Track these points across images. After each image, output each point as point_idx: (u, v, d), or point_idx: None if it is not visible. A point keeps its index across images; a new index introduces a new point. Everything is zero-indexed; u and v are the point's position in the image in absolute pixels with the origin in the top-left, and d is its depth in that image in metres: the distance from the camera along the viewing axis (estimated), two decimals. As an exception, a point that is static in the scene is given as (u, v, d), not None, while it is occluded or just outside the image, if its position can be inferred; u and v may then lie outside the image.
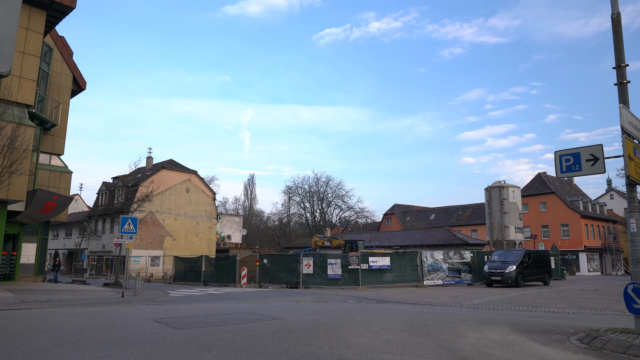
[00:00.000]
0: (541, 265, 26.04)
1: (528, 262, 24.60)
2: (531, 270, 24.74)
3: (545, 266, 26.56)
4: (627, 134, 7.75)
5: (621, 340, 7.01)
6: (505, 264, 23.73)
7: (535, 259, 25.43)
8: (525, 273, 24.09)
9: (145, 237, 44.35)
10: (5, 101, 17.61)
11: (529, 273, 24.58)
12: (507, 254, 25.31)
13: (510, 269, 23.40)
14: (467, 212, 66.53)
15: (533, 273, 25.00)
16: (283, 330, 8.31)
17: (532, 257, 25.00)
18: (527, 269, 24.34)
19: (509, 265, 23.57)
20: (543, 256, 27.35)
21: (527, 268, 24.41)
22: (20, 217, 22.67)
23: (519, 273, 23.51)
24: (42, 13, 20.53)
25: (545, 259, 27.35)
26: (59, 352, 6.18)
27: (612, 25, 8.29)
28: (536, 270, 25.34)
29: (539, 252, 27.36)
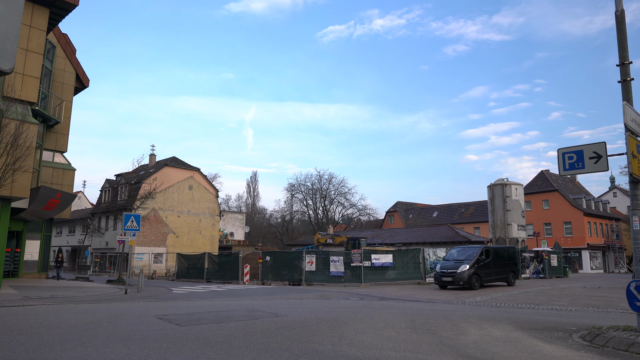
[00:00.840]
0: (504, 264, 22.78)
1: (485, 260, 21.38)
2: (490, 270, 21.51)
3: (509, 264, 23.33)
4: (631, 132, 7.72)
5: (623, 337, 7.01)
6: (458, 263, 20.64)
7: (496, 256, 22.30)
8: (481, 273, 20.84)
9: (148, 235, 44.47)
10: (9, 98, 17.66)
11: (488, 273, 21.37)
12: (463, 251, 22.22)
13: (462, 269, 20.21)
14: (469, 209, 66.45)
15: (492, 273, 21.75)
16: (285, 327, 8.33)
17: (491, 254, 21.85)
18: (484, 269, 21.09)
19: (462, 265, 20.41)
20: (506, 253, 23.89)
21: (485, 267, 21.20)
22: (24, 214, 22.77)
23: (474, 273, 20.34)
24: (45, 10, 20.56)
25: (510, 256, 23.98)
26: (62, 348, 6.21)
27: (616, 23, 8.26)
28: (497, 270, 22.10)
29: (500, 249, 23.88)
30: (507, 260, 23.21)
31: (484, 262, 21.17)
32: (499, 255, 22.73)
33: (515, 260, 24.27)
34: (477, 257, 20.88)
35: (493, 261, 21.74)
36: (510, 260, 23.64)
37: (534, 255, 33.49)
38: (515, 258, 24.30)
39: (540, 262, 33.44)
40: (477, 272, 20.56)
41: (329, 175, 79.65)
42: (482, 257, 21.21)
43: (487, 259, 21.47)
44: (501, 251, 23.40)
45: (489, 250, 21.98)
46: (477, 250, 21.50)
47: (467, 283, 20.01)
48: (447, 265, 21.07)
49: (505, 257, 23.34)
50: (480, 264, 20.91)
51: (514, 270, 23.55)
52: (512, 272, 23.23)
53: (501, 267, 22.42)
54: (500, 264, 22.32)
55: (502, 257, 23.00)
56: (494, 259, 21.84)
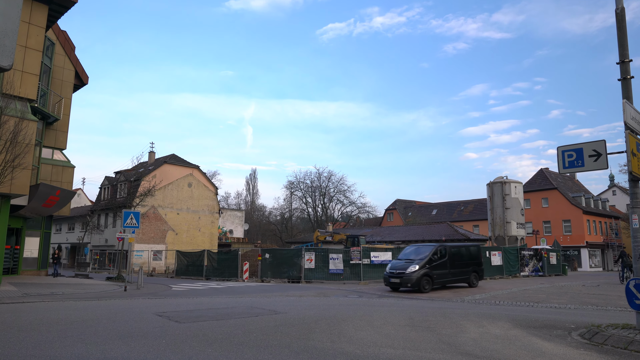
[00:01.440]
0: (464, 264, 20.73)
1: (439, 260, 19.41)
2: (445, 271, 19.53)
3: (471, 264, 21.11)
4: (631, 130, 7.72)
5: (622, 335, 7.02)
6: (408, 263, 18.75)
7: (454, 255, 20.30)
8: (434, 274, 18.85)
9: (147, 232, 44.48)
10: (8, 95, 17.62)
11: (443, 274, 19.41)
12: (417, 250, 20.34)
13: (411, 270, 18.27)
14: (469, 207, 66.49)
15: (449, 274, 19.77)
16: (285, 324, 8.34)
17: (447, 253, 19.91)
18: (438, 269, 19.14)
19: (411, 265, 18.53)
20: (467, 252, 21.56)
21: (439, 267, 19.23)
22: (23, 212, 22.75)
23: (425, 275, 18.36)
24: (44, 7, 20.51)
25: (472, 256, 21.59)
26: (62, 345, 6.21)
27: (616, 21, 8.25)
28: (456, 270, 20.15)
29: (460, 247, 21.81)
30: (468, 259, 21.09)
31: (437, 262, 19.24)
32: (458, 254, 20.80)
33: (479, 259, 21.93)
34: (429, 257, 18.99)
35: (450, 261, 19.85)
36: (473, 260, 21.41)
37: (533, 253, 33.54)
38: (478, 257, 21.96)
39: (539, 260, 33.48)
40: (429, 273, 18.62)
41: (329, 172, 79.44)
42: (435, 256, 19.27)
43: (441, 259, 19.53)
44: (461, 250, 21.41)
45: (444, 249, 20.10)
46: (430, 249, 19.61)
47: (416, 285, 18.08)
48: (397, 265, 19.23)
49: (466, 256, 21.20)
50: (433, 264, 19.00)
51: (477, 270, 21.36)
52: (474, 273, 21.15)
53: (461, 267, 20.46)
54: (459, 263, 20.40)
55: (462, 256, 20.97)
56: (451, 259, 19.94)
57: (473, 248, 22.43)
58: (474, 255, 21.79)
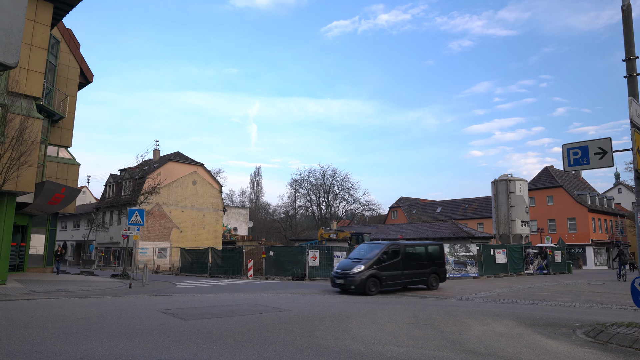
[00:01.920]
0: (421, 264, 18.73)
1: (390, 260, 17.42)
2: (397, 272, 17.56)
3: (430, 265, 18.96)
4: (637, 127, 7.68)
5: (627, 334, 7.00)
6: (355, 263, 17.05)
7: (409, 255, 18.36)
8: (383, 276, 16.93)
9: (152, 229, 44.64)
10: (14, 93, 17.72)
11: (394, 275, 17.44)
12: (368, 248, 18.48)
13: (355, 270, 16.50)
14: (473, 205, 66.33)
15: (402, 275, 17.75)
16: (289, 321, 8.36)
17: (400, 253, 17.89)
18: (388, 270, 17.18)
19: (357, 265, 16.78)
20: (425, 252, 19.47)
21: (390, 268, 17.29)
22: (29, 209, 22.89)
23: (371, 276, 16.52)
24: (49, 5, 20.58)
25: (431, 256, 19.44)
26: (67, 341, 6.25)
27: (623, 17, 8.20)
28: (411, 271, 18.13)
29: (416, 247, 19.63)
30: (426, 260, 19.10)
31: (387, 262, 17.28)
32: (415, 254, 18.96)
33: (440, 260, 19.72)
34: (378, 257, 17.07)
35: (404, 261, 17.87)
36: (432, 260, 19.28)
37: (537, 251, 33.44)
38: (439, 257, 19.75)
39: (544, 258, 33.38)
40: (377, 274, 16.73)
41: (333, 170, 79.79)
42: (384, 256, 17.29)
43: (393, 259, 17.56)
44: (418, 249, 19.44)
45: (397, 248, 18.08)
46: (380, 248, 17.65)
47: (360, 287, 16.23)
48: (344, 264, 17.55)
49: (424, 256, 19.25)
50: (382, 265, 17.07)
51: (437, 272, 19.20)
52: (434, 274, 19.03)
53: (417, 268, 18.45)
54: (415, 264, 18.45)
55: (419, 256, 19.08)
56: (405, 259, 17.97)
57: (433, 247, 20.12)
58: (435, 255, 19.70)
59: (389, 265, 17.35)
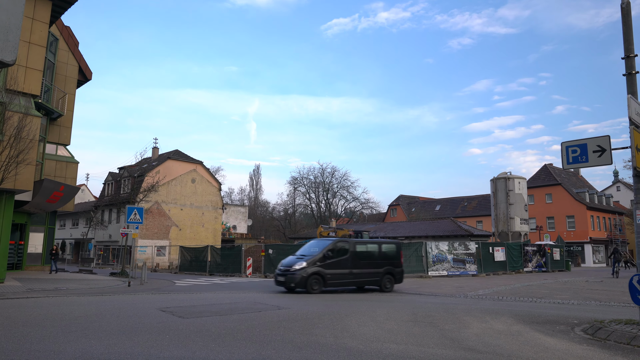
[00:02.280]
0: (374, 263, 17.14)
1: (337, 257, 16.06)
2: (345, 271, 16.13)
3: (383, 264, 17.27)
4: (635, 125, 7.68)
5: (625, 331, 7.02)
6: (299, 259, 15.87)
7: (360, 253, 16.95)
8: (328, 274, 15.59)
9: (151, 227, 44.62)
10: (12, 91, 17.68)
11: (341, 275, 16.01)
12: (316, 244, 17.14)
13: (297, 267, 15.30)
14: (472, 203, 66.38)
15: (350, 275, 16.28)
16: (288, 319, 8.37)
17: (349, 250, 16.45)
18: (334, 268, 15.83)
19: (299, 262, 15.61)
20: (379, 250, 17.83)
21: (336, 266, 15.90)
22: (27, 207, 22.86)
23: (314, 274, 15.28)
24: (48, 3, 20.52)
25: (386, 255, 17.75)
26: (66, 340, 6.25)
27: (622, 15, 8.20)
28: (361, 271, 16.58)
29: (368, 244, 18.43)
30: (380, 259, 17.45)
31: (333, 259, 15.95)
32: (366, 252, 17.51)
33: (396, 259, 17.91)
34: (322, 254, 15.79)
35: (353, 260, 16.42)
36: (387, 260, 17.55)
37: (536, 249, 33.50)
38: (395, 257, 17.99)
39: (542, 256, 33.44)
40: (321, 272, 15.46)
41: (332, 168, 79.46)
42: (330, 253, 15.95)
43: (340, 256, 16.17)
44: (370, 247, 17.91)
45: (346, 245, 16.71)
46: (326, 244, 16.38)
47: (301, 285, 15.11)
48: (289, 261, 16.29)
49: (378, 254, 17.61)
50: (328, 262, 15.75)
51: (392, 272, 17.37)
52: (388, 275, 17.23)
53: (369, 267, 16.91)
54: (367, 263, 16.98)
55: (372, 255, 17.54)
56: (354, 257, 16.54)
57: (388, 246, 18.40)
58: (390, 254, 17.96)
59: (334, 263, 15.98)
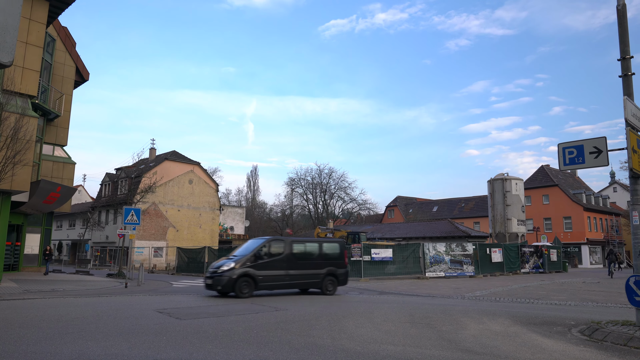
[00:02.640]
0: (313, 264, 15.72)
1: (271, 257, 14.66)
2: (281, 272, 14.70)
3: (324, 265, 15.86)
4: (631, 127, 7.71)
5: (622, 332, 7.03)
6: (230, 260, 14.50)
7: (298, 253, 15.48)
8: (260, 275, 14.09)
9: (148, 228, 44.53)
10: (9, 92, 17.63)
11: (275, 276, 14.56)
12: (251, 243, 15.54)
13: (225, 268, 13.90)
14: (469, 204, 66.47)
15: (287, 276, 14.87)
16: (285, 321, 8.36)
17: (285, 250, 15.07)
18: (267, 269, 14.37)
19: (227, 262, 14.29)
20: (319, 250, 16.28)
21: (269, 267, 14.47)
22: (24, 208, 22.79)
23: (244, 275, 13.78)
24: (45, 3, 20.49)
25: (326, 255, 16.26)
26: (62, 341, 6.23)
27: (618, 17, 8.23)
28: (298, 272, 15.15)
29: (307, 243, 16.74)
30: (320, 259, 16.00)
31: (267, 259, 14.52)
32: (305, 252, 15.99)
33: (339, 260, 16.45)
34: (253, 253, 14.35)
35: (289, 259, 15.04)
36: (329, 260, 16.15)
37: (533, 250, 33.56)
38: (339, 257, 16.50)
39: (539, 257, 33.50)
40: (252, 273, 13.96)
41: (329, 169, 79.50)
42: (262, 253, 14.54)
43: (275, 257, 14.78)
44: (309, 247, 16.39)
45: (281, 244, 15.25)
46: (259, 243, 14.95)
47: (228, 287, 13.63)
48: (219, 262, 14.84)
49: (317, 255, 16.10)
50: (260, 263, 14.30)
51: (335, 274, 15.96)
52: (331, 277, 15.83)
53: (308, 268, 15.51)
54: (305, 263, 15.55)
55: (311, 255, 16.03)
56: (291, 257, 15.13)
57: (330, 245, 16.94)
58: (333, 254, 16.52)
59: (268, 264, 14.53)
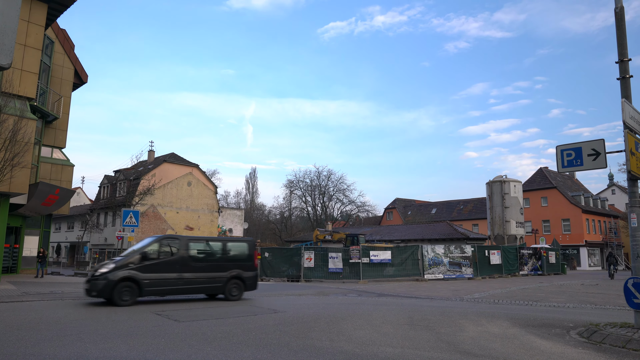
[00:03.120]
0: (215, 266, 13.78)
1: (159, 259, 12.71)
2: (173, 275, 12.70)
3: (229, 267, 13.91)
4: (629, 129, 7.73)
5: (621, 334, 7.04)
6: (111, 261, 12.61)
7: (193, 255, 13.46)
8: (147, 279, 12.14)
9: (147, 231, 44.45)
10: (7, 94, 17.61)
11: (166, 280, 12.56)
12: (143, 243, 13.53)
13: (104, 270, 12.04)
14: (468, 206, 66.51)
15: (181, 280, 12.78)
16: (284, 323, 8.35)
17: (179, 250, 13.11)
18: (154, 271, 12.41)
19: (107, 264, 12.42)
20: (222, 249, 14.45)
21: (157, 270, 12.49)
22: (22, 210, 22.75)
23: (125, 279, 11.85)
24: (44, 6, 20.49)
25: (231, 256, 14.45)
26: (61, 343, 6.22)
27: (616, 20, 8.26)
28: (196, 275, 13.12)
29: (207, 242, 14.99)
30: (224, 261, 14.14)
31: (155, 261, 12.62)
32: (204, 252, 14.13)
33: (247, 261, 14.56)
34: (139, 254, 12.50)
35: (184, 261, 13.05)
36: (234, 262, 14.28)
37: (532, 252, 33.58)
38: (246, 259, 14.60)
39: (538, 259, 33.52)
40: (135, 276, 12.00)
41: (328, 171, 79.60)
42: (150, 252, 12.68)
43: (165, 257, 12.86)
44: (211, 246, 14.61)
45: (175, 243, 13.35)
46: (146, 243, 13.18)
47: (105, 293, 11.67)
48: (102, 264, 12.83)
49: (220, 256, 14.24)
50: (147, 264, 12.38)
51: (241, 277, 13.98)
52: (236, 280, 13.85)
53: (208, 270, 13.56)
54: (204, 266, 13.61)
55: (212, 256, 14.18)
56: (186, 258, 13.14)
57: (236, 244, 15.29)
58: (239, 255, 14.68)
59: (156, 266, 12.59)
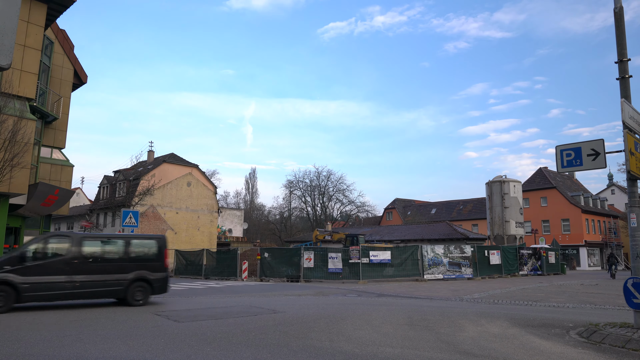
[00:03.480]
0: (114, 267, 12.18)
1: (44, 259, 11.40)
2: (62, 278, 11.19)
3: (131, 268, 12.34)
4: (629, 129, 7.74)
5: (620, 334, 7.04)
6: None
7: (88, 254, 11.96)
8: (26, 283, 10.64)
9: (146, 231, 44.42)
10: (7, 94, 17.61)
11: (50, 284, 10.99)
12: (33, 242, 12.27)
13: None
14: (468, 206, 66.53)
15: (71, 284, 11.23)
16: (283, 323, 8.35)
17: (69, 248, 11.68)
18: (37, 274, 10.95)
19: None
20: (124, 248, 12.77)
21: (41, 272, 11.04)
22: (21, 211, 22.73)
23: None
24: (43, 6, 20.48)
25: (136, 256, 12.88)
26: (61, 344, 6.22)
27: (615, 20, 8.26)
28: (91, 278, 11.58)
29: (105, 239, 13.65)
30: (126, 260, 12.56)
31: (39, 262, 11.27)
32: (101, 251, 12.58)
33: (156, 261, 12.96)
34: (19, 253, 11.29)
35: (75, 261, 11.55)
36: (139, 262, 12.72)
37: (531, 252, 33.59)
38: (154, 258, 13.00)
39: (538, 259, 33.53)
40: (13, 280, 10.51)
41: (328, 171, 79.64)
42: (32, 251, 11.39)
43: (52, 257, 11.57)
44: (110, 244, 13.07)
45: (64, 241, 12.08)
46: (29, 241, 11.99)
47: None
48: None
49: (120, 255, 12.63)
50: (29, 266, 10.99)
51: (146, 278, 12.40)
52: (140, 282, 12.29)
53: (105, 272, 11.98)
54: (101, 266, 12.00)
55: (110, 255, 12.61)
56: (78, 258, 11.64)
57: (142, 242, 13.76)
58: (145, 254, 13.06)
59: (41, 267, 11.17)
